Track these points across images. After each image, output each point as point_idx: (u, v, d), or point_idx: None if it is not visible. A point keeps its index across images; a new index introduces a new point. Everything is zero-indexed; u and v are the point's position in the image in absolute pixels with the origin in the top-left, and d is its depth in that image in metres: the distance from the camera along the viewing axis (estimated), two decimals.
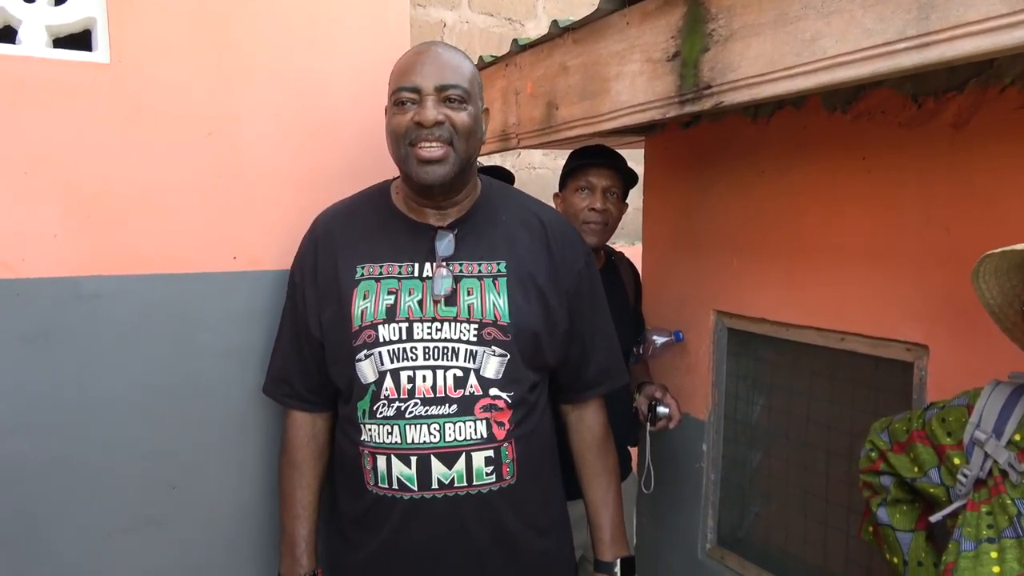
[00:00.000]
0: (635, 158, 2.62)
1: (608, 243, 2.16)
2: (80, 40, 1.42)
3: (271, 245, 1.54)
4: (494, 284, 1.36)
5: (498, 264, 1.38)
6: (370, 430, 1.34)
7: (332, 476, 1.48)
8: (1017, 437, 1.03)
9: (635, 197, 2.26)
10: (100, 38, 1.39)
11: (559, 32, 1.82)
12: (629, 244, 3.90)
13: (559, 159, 4.42)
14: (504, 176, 2.21)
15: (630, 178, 2.06)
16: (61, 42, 1.41)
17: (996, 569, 0.94)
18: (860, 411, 1.73)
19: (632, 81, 1.57)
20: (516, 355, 1.35)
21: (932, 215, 1.50)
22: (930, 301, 1.50)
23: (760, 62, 1.25)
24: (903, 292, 1.55)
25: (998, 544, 0.96)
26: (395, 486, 1.32)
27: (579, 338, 1.48)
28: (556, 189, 2.14)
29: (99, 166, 1.39)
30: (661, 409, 1.94)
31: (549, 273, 1.41)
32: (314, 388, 1.44)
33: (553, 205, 2.09)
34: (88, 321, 1.39)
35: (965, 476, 1.08)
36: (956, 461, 1.11)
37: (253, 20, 1.51)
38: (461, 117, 1.31)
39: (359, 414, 1.35)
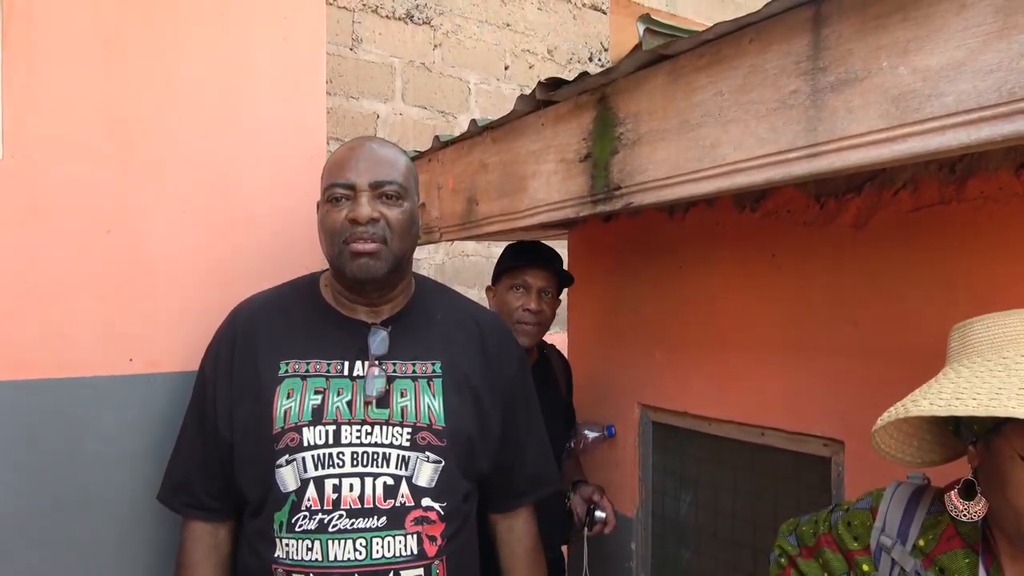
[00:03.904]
0: (559, 248, 2.64)
1: None
2: None
3: (171, 346, 1.46)
4: (429, 385, 1.31)
5: (433, 364, 1.33)
6: (287, 545, 1.22)
7: None
8: (921, 542, 1.01)
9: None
10: None
11: (478, 130, 1.85)
12: (559, 331, 3.91)
13: (492, 247, 4.46)
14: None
15: (565, 278, 2.05)
16: None
17: None
18: (783, 507, 1.71)
19: (548, 180, 1.59)
20: (451, 462, 1.29)
21: (840, 310, 1.53)
22: (843, 396, 1.52)
23: (666, 166, 1.28)
24: (817, 387, 1.57)
25: None
26: None
27: (511, 444, 1.42)
28: (489, 277, 2.12)
29: None
30: (599, 513, 1.88)
31: (484, 376, 1.37)
32: (217, 495, 1.32)
33: (485, 296, 2.07)
34: None
35: None
36: (865, 568, 1.09)
37: (161, 115, 1.49)
38: (396, 214, 1.27)
39: (275, 527, 1.23)
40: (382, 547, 1.21)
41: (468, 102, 4.59)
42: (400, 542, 1.22)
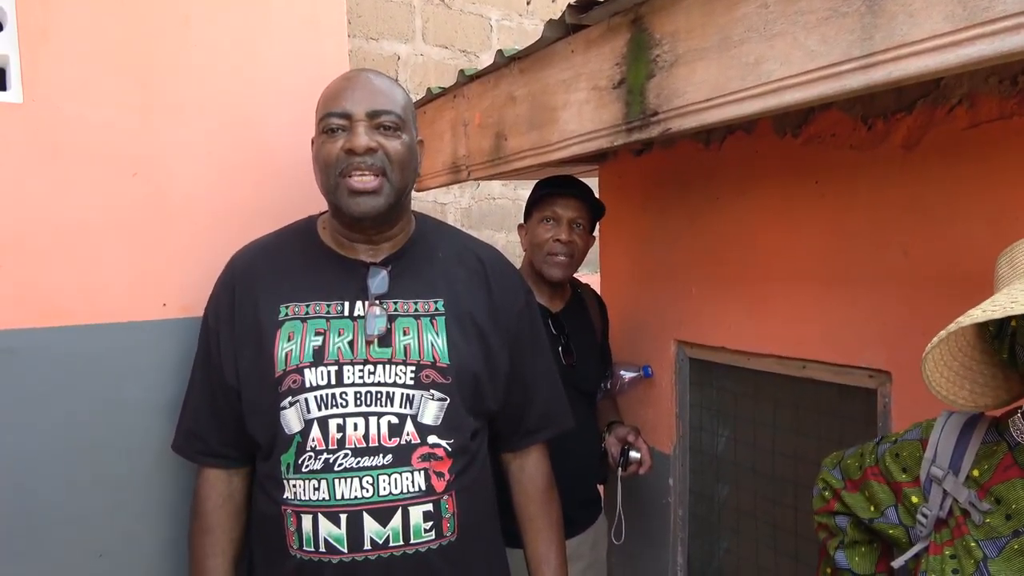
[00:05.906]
0: (590, 185, 2.58)
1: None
2: None
3: (204, 290, 1.44)
4: (431, 323, 1.28)
5: (435, 302, 1.30)
6: (295, 486, 1.21)
7: (248, 541, 1.35)
8: (975, 472, 0.97)
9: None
10: (12, 77, 1.31)
11: (505, 62, 1.78)
12: (591, 273, 3.87)
13: (519, 190, 4.38)
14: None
15: (598, 209, 1.98)
16: None
17: None
18: (825, 441, 1.68)
19: (579, 109, 1.53)
20: (457, 399, 1.26)
21: (888, 238, 1.47)
22: (890, 326, 1.47)
23: (706, 87, 1.22)
24: (863, 317, 1.51)
25: None
26: (322, 549, 1.19)
27: (520, 382, 1.39)
28: (516, 220, 2.08)
29: (12, 212, 1.29)
30: (633, 454, 1.86)
31: (489, 312, 1.33)
32: (230, 442, 1.31)
33: (518, 235, 2.03)
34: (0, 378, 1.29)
35: (925, 516, 1.02)
36: (914, 500, 1.05)
37: (181, 55, 1.44)
38: (395, 145, 1.23)
39: (283, 468, 1.22)
40: (389, 484, 1.20)
41: (490, 40, 4.45)
42: (407, 478, 1.20)
